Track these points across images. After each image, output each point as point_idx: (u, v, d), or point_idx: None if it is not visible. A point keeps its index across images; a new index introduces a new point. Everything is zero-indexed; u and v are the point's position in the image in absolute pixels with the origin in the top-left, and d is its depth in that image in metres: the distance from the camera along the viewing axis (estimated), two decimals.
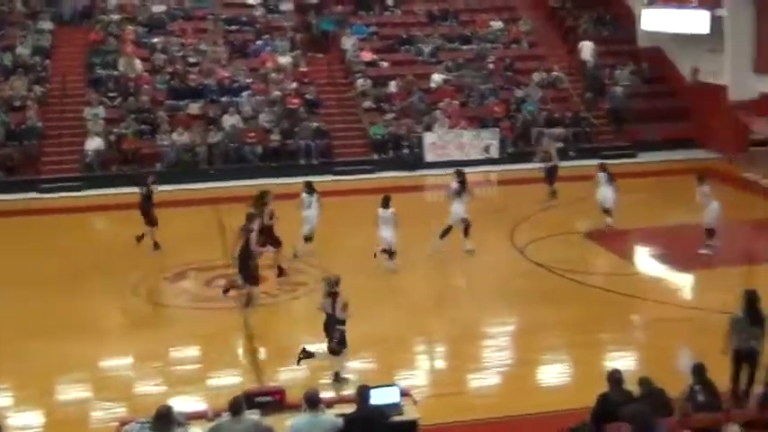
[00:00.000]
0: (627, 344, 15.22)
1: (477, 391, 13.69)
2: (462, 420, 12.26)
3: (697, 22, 29.37)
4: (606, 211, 21.06)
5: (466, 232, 19.55)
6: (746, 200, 23.36)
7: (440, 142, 29.45)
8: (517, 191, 25.86)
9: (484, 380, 13.94)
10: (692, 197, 19.68)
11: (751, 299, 12.24)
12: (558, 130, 29.85)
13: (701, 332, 14.81)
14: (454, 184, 19.76)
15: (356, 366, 14.01)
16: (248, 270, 16.41)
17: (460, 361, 14.62)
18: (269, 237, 17.99)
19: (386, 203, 18.37)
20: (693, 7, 29.43)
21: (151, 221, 20.16)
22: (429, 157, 29.21)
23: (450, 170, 21.93)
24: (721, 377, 11.60)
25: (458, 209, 19.56)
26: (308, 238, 19.38)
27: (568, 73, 32.98)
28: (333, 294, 13.19)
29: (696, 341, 14.62)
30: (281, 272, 18.41)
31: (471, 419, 12.35)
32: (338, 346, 13.14)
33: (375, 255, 18.52)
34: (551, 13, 36.57)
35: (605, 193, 21.09)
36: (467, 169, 27.67)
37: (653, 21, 31.49)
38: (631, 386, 10.57)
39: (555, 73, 32.57)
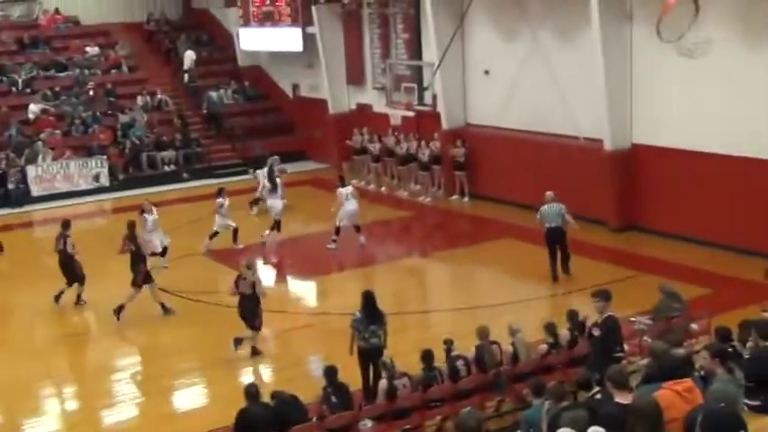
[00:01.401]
0: (260, 357, 15.41)
1: (113, 428, 13.20)
2: None
3: (291, 40, 30.57)
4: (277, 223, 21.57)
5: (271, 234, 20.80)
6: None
7: (45, 175, 28.11)
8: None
9: (118, 415, 13.46)
10: (307, 206, 20.46)
11: (368, 299, 12.92)
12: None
13: (327, 336, 15.43)
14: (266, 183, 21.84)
15: None
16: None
17: (93, 399, 14.02)
18: None
19: None
20: (286, 26, 30.57)
21: None
22: (35, 191, 27.77)
23: (60, 202, 21.06)
24: (352, 376, 12.14)
25: (276, 203, 21.36)
26: None
27: (173, 96, 32.88)
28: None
29: (324, 345, 15.23)
30: None
31: None
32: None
33: None
34: (148, 37, 36.24)
35: (275, 204, 21.83)
36: (77, 200, 27.12)
37: (250, 40, 32.33)
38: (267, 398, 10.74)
39: (159, 96, 32.32)
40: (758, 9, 17.74)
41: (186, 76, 33.36)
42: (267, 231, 21.68)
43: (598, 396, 7.81)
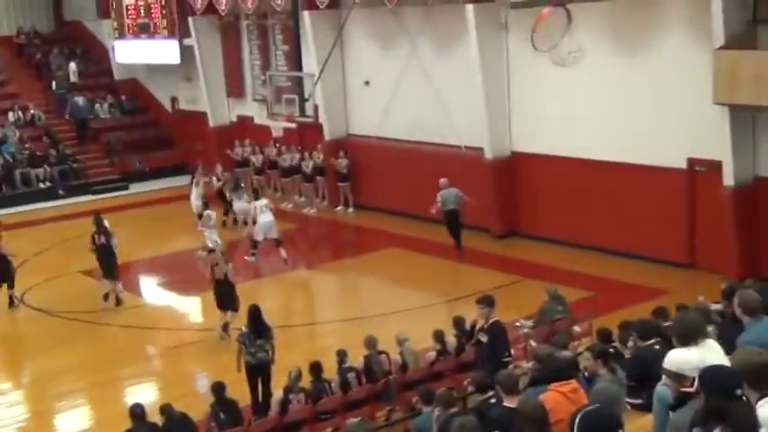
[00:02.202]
0: (146, 375, 15.13)
1: None
2: None
3: (168, 52, 30.07)
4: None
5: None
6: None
7: None
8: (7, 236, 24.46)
9: None
10: (186, 222, 20.13)
11: (254, 313, 12.83)
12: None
13: (215, 352, 15.22)
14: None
15: None
16: None
17: None
18: None
19: None
20: (163, 38, 30.09)
21: None
22: None
23: None
24: (241, 391, 12.01)
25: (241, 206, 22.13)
26: None
27: (46, 110, 31.96)
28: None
29: (211, 361, 15.01)
30: None
31: None
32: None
33: None
34: (19, 50, 35.13)
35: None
36: None
37: (125, 53, 31.67)
38: (158, 417, 10.52)
39: (32, 111, 31.36)
40: (628, 19, 18.40)
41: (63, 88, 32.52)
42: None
43: (493, 400, 7.89)
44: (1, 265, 18.08)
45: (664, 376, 6.36)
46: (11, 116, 30.83)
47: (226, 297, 15.73)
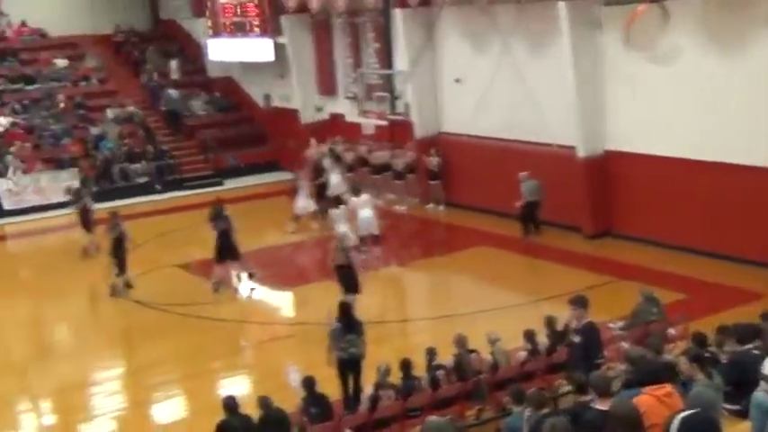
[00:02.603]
0: (238, 368, 15.41)
1: None
2: None
3: (261, 50, 30.48)
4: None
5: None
6: None
7: (16, 188, 27.86)
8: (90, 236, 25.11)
9: (97, 429, 13.39)
10: (279, 217, 20.41)
11: (345, 309, 12.93)
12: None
13: (306, 346, 15.40)
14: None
15: None
16: None
17: (69, 414, 13.92)
18: None
19: None
20: (257, 36, 30.50)
21: None
22: (7, 204, 27.52)
23: (32, 216, 21.17)
24: (332, 386, 12.14)
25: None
26: None
27: (143, 107, 32.73)
28: None
29: (303, 355, 15.20)
30: None
31: None
32: None
33: None
34: (116, 48, 36.04)
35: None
36: (49, 213, 26.94)
37: (220, 51, 32.22)
38: (250, 409, 10.70)
39: (130, 108, 32.15)
40: (726, 15, 17.96)
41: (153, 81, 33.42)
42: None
43: (594, 403, 7.80)
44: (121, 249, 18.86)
45: (762, 382, 6.22)
46: (109, 113, 31.64)
47: (349, 281, 16.23)
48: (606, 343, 11.99)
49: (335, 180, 23.40)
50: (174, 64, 34.16)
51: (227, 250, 18.63)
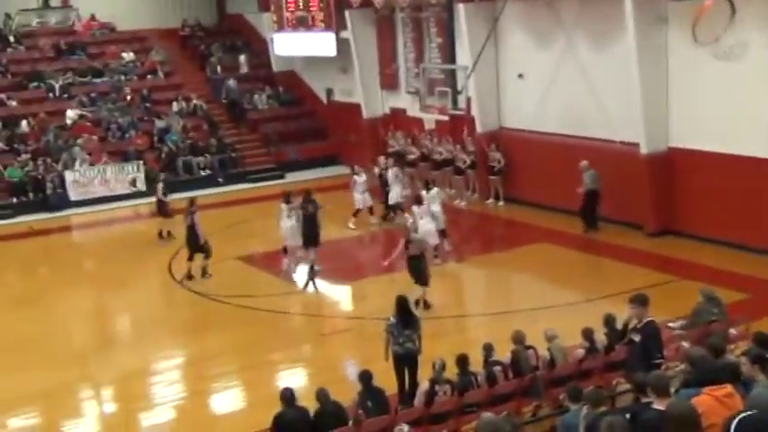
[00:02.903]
0: (296, 361, 15.50)
1: (150, 430, 13.34)
2: None
3: (324, 44, 30.64)
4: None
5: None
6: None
7: (83, 179, 28.38)
8: (167, 222, 25.51)
9: (156, 417, 13.60)
10: (338, 212, 20.50)
11: (401, 304, 12.92)
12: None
13: (363, 340, 15.47)
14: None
15: (18, 423, 13.21)
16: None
17: (130, 402, 14.14)
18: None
19: None
20: (320, 30, 30.65)
21: None
22: (73, 195, 28.04)
23: (97, 207, 21.59)
24: (387, 380, 12.16)
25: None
26: None
27: (207, 101, 33.10)
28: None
29: (359, 349, 15.26)
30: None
31: None
32: None
33: None
34: (183, 42, 36.52)
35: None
36: (114, 204, 27.44)
37: (284, 45, 32.45)
38: (307, 401, 10.77)
39: (194, 101, 32.54)
40: None
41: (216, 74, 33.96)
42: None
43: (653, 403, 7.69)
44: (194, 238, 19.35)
45: None
46: (175, 106, 32.08)
47: (420, 273, 16.65)
48: (666, 342, 11.83)
49: (397, 191, 23.25)
50: (242, 58, 34.61)
51: (312, 236, 19.13)
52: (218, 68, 34.21)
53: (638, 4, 19.83)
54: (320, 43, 30.81)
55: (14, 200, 27.58)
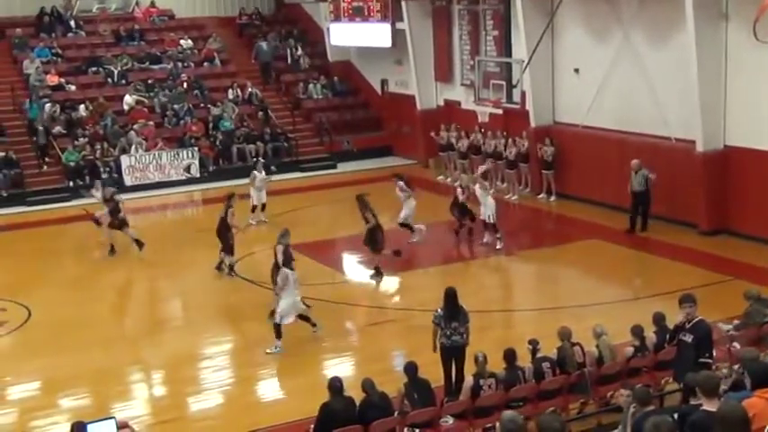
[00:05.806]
0: (343, 350, 15.54)
1: (198, 414, 13.48)
2: None
3: (380, 35, 30.62)
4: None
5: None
6: (440, 202, 24.57)
7: (138, 165, 28.74)
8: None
9: (204, 402, 13.75)
10: (390, 203, 20.54)
11: (450, 296, 12.89)
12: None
13: (410, 331, 15.48)
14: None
15: (69, 404, 13.44)
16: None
17: (179, 385, 14.32)
18: None
19: None
20: (376, 21, 30.66)
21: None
22: (128, 180, 28.41)
23: (152, 192, 21.71)
24: (434, 372, 12.17)
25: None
26: None
27: (263, 89, 33.32)
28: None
29: (407, 341, 15.28)
30: None
31: None
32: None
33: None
34: (240, 31, 36.79)
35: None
36: (168, 190, 27.74)
37: (340, 35, 32.52)
38: (353, 391, 10.83)
39: (249, 89, 32.77)
40: None
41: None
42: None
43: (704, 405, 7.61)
44: (222, 231, 19.22)
45: None
46: (230, 93, 32.33)
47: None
48: (715, 343, 11.70)
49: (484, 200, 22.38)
50: (300, 47, 34.77)
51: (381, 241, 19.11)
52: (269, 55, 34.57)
53: (698, 1, 19.56)
54: (376, 34, 30.81)
55: (71, 183, 28.01)
